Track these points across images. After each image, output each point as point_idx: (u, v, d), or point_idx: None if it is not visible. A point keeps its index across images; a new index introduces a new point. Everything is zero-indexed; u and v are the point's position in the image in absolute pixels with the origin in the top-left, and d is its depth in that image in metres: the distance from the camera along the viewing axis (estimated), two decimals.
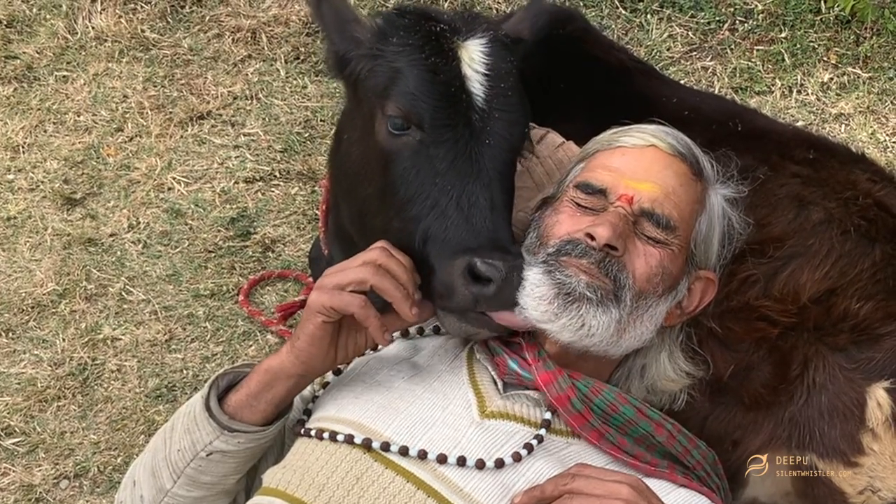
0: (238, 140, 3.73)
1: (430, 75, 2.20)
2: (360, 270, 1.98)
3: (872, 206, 2.48)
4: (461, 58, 2.22)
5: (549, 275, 1.99)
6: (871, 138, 3.65)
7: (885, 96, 3.74)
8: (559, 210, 2.13)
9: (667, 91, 2.97)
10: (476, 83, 2.20)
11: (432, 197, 2.16)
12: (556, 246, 2.04)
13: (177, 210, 3.53)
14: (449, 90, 2.19)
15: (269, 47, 3.96)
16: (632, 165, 2.14)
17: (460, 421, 1.98)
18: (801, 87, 3.78)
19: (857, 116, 3.70)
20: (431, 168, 2.18)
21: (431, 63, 2.21)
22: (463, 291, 2.03)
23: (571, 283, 1.97)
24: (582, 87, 2.86)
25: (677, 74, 3.79)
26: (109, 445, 3.03)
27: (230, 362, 3.18)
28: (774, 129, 2.91)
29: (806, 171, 2.58)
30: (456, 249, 2.08)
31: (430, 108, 2.19)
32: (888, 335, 2.24)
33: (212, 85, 3.87)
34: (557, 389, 1.99)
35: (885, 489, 2.22)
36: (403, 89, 2.21)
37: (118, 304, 3.32)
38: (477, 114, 2.19)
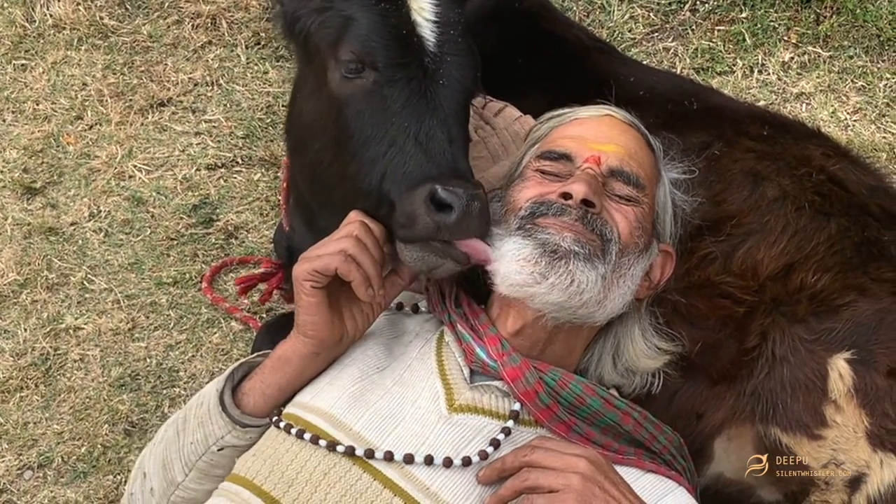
0: (199, 127, 3.71)
1: (381, 19, 2.24)
2: (340, 242, 2.00)
3: (826, 182, 2.49)
4: (410, 6, 2.25)
5: (529, 238, 2.00)
6: (832, 117, 3.66)
7: (845, 75, 3.76)
8: (525, 179, 2.15)
9: (624, 70, 2.98)
10: (426, 28, 2.24)
11: (389, 135, 2.18)
12: (527, 209, 2.06)
13: (138, 198, 3.50)
14: (401, 33, 2.22)
15: (229, 33, 3.93)
16: (593, 131, 2.19)
17: (428, 416, 1.98)
18: (762, 66, 3.79)
19: (818, 95, 3.72)
20: (386, 107, 2.20)
21: (382, 8, 2.24)
22: (425, 219, 2.04)
23: (555, 241, 1.97)
24: (539, 64, 2.87)
25: (639, 56, 3.79)
26: (73, 435, 3.01)
27: (194, 350, 3.17)
28: (729, 107, 2.93)
29: (760, 147, 2.60)
30: (417, 180, 2.09)
31: (384, 48, 2.22)
32: (847, 305, 2.26)
33: (172, 72, 3.84)
34: (525, 384, 1.99)
35: (848, 462, 2.23)
36: (356, 33, 2.24)
37: (80, 293, 3.30)
38: (429, 57, 2.22)
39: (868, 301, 2.26)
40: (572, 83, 2.85)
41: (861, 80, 3.74)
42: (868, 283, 2.30)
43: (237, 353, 3.16)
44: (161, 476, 2.09)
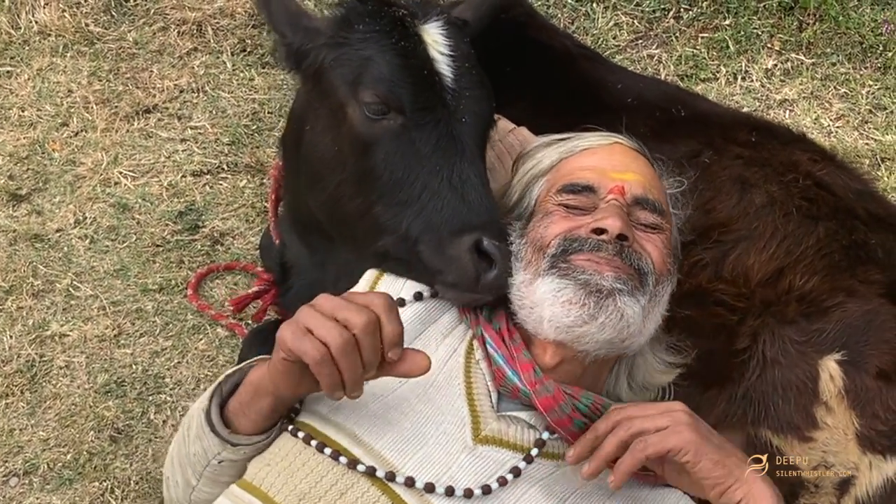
0: (185, 133, 3.70)
1: (402, 59, 2.25)
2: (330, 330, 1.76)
3: (813, 187, 2.52)
4: (426, 41, 2.27)
5: (567, 278, 1.97)
6: (815, 123, 3.69)
7: (828, 82, 3.79)
8: (548, 214, 2.11)
9: (611, 77, 2.99)
10: (443, 64, 2.26)
11: (422, 179, 2.20)
12: (558, 246, 2.03)
13: (124, 204, 3.49)
14: (422, 73, 2.24)
15: (215, 40, 3.93)
16: (608, 160, 2.16)
17: (452, 443, 1.94)
18: (746, 73, 3.82)
19: (801, 102, 3.74)
20: (416, 150, 2.22)
21: (401, 48, 2.25)
22: (470, 271, 2.09)
23: (597, 280, 1.95)
24: (526, 73, 2.87)
25: (623, 63, 3.80)
26: (59, 442, 3.00)
27: (180, 356, 3.17)
28: (716, 113, 2.95)
29: (748, 153, 2.62)
30: (460, 227, 2.13)
31: (409, 92, 2.23)
32: (836, 307, 2.27)
33: (157, 78, 3.83)
34: (559, 413, 1.96)
35: (838, 464, 2.24)
36: (378, 75, 2.24)
37: (65, 300, 3.29)
38: (449, 94, 2.24)
39: (857, 302, 2.28)
40: (559, 91, 2.87)
41: (844, 86, 3.77)
42: (856, 286, 2.32)
43: (223, 359, 3.16)
44: (180, 474, 2.06)
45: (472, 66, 2.31)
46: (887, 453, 2.25)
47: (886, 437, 2.25)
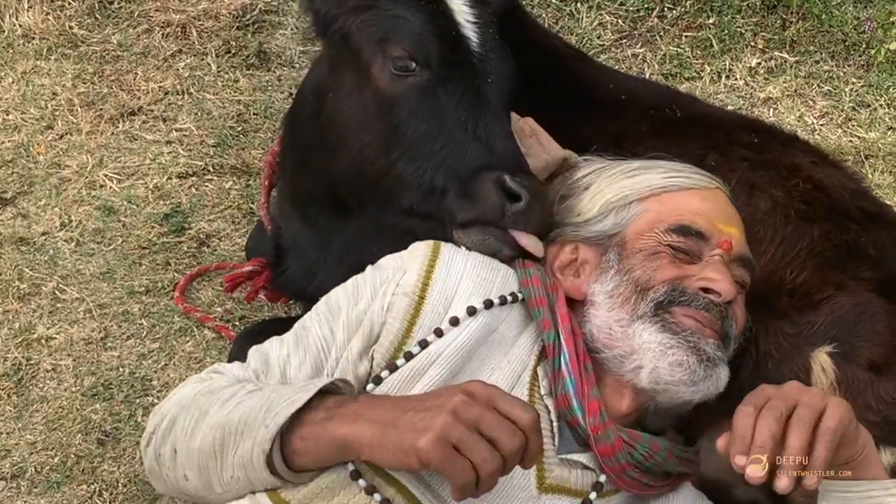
0: (170, 135, 3.69)
1: (430, 18, 2.31)
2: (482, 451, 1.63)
3: (812, 190, 2.52)
4: (452, 7, 2.33)
5: (676, 335, 1.94)
6: (799, 121, 3.71)
7: (811, 80, 3.81)
8: (656, 255, 2.04)
9: (602, 77, 2.99)
10: (469, 29, 2.32)
11: (446, 131, 2.24)
12: (665, 294, 1.98)
13: (109, 207, 3.49)
14: (450, 33, 2.30)
15: (199, 42, 3.93)
16: (715, 208, 2.12)
17: (517, 493, 1.87)
18: (730, 72, 3.83)
19: (785, 100, 3.76)
20: (441, 105, 2.27)
21: (429, 9, 2.32)
22: (494, 200, 2.10)
23: (704, 348, 1.93)
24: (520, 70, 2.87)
25: (608, 62, 3.82)
26: (46, 445, 2.98)
27: (167, 359, 3.16)
28: (714, 114, 2.96)
29: (753, 155, 2.62)
30: (482, 168, 2.16)
31: (437, 47, 2.29)
32: (827, 300, 2.28)
33: (142, 80, 3.83)
34: (615, 462, 1.92)
35: None
36: (407, 31, 2.31)
37: (52, 303, 3.27)
38: (475, 56, 2.30)
39: (847, 296, 2.28)
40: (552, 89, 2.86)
41: (827, 84, 3.79)
42: (846, 281, 2.33)
43: (210, 361, 3.15)
44: (197, 476, 1.90)
45: (496, 33, 2.37)
46: (880, 444, 2.25)
47: (879, 427, 2.25)
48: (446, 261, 2.04)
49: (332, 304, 2.05)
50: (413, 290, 1.99)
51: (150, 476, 2.06)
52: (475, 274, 2.04)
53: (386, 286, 2.00)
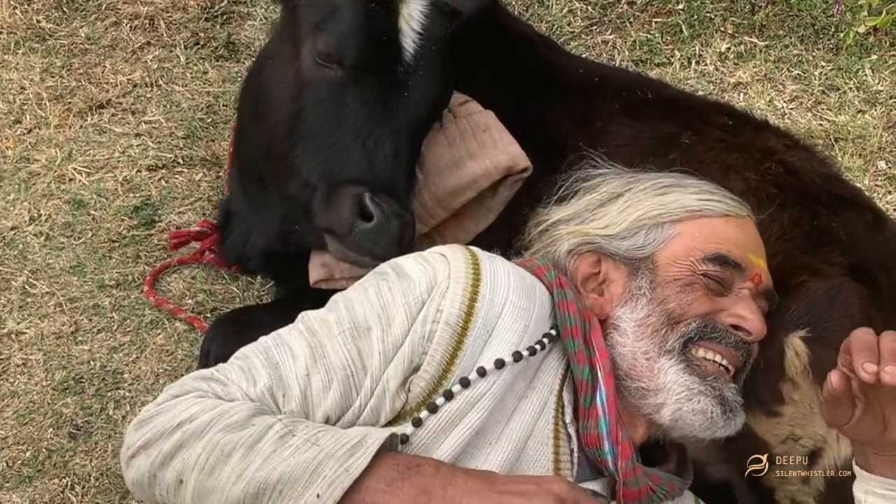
0: (139, 128, 3.67)
1: (364, 19, 2.29)
2: None
3: (784, 174, 2.53)
4: (400, 11, 2.30)
5: (701, 381, 1.92)
6: (769, 106, 3.71)
7: (781, 64, 3.81)
8: (691, 286, 1.99)
9: (572, 63, 3.00)
10: (408, 38, 2.29)
11: (339, 132, 2.24)
12: (695, 330, 1.95)
13: (79, 201, 3.47)
14: (379, 37, 2.28)
15: (167, 34, 3.91)
16: (748, 239, 2.10)
17: None
18: (700, 57, 3.83)
19: (755, 84, 3.77)
20: (344, 105, 2.27)
21: (370, 9, 2.29)
22: (345, 215, 2.12)
23: (727, 395, 1.94)
24: (488, 57, 2.86)
25: (578, 49, 3.82)
26: (17, 440, 2.97)
27: (138, 352, 3.15)
28: (685, 97, 2.97)
29: (728, 137, 2.64)
30: (352, 179, 2.17)
31: (356, 51, 2.28)
32: (800, 285, 2.28)
33: (111, 73, 3.81)
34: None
35: (805, 437, 2.25)
36: (336, 27, 2.30)
37: (22, 297, 3.26)
38: (402, 67, 2.28)
39: (820, 281, 2.29)
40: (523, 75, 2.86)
41: (797, 68, 3.79)
42: (819, 265, 2.34)
43: (182, 353, 3.14)
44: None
45: (440, 51, 2.34)
46: None
47: None
48: (489, 288, 1.88)
49: (357, 318, 1.87)
50: (457, 321, 1.84)
51: (135, 488, 1.86)
52: (517, 303, 1.90)
53: (425, 311, 1.84)
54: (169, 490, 1.77)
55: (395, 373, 1.82)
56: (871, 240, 2.45)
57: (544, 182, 2.58)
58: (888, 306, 2.33)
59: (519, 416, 1.86)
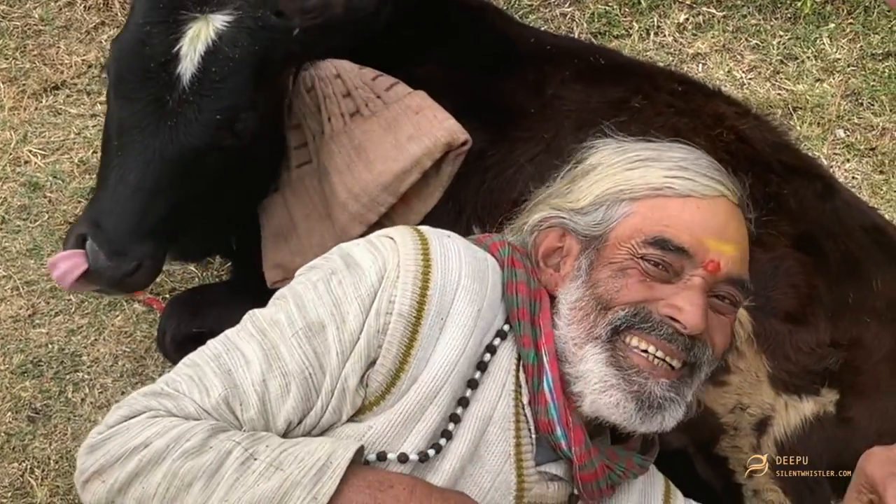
0: (95, 109, 3.64)
1: (137, 45, 2.20)
2: None
3: (735, 141, 2.53)
4: (186, 33, 2.19)
5: (620, 372, 1.78)
6: (728, 76, 3.71)
7: (739, 34, 3.80)
8: (625, 272, 1.84)
9: (525, 32, 2.98)
10: (188, 63, 2.17)
11: (107, 160, 2.24)
12: (625, 317, 1.81)
13: (35, 183, 3.44)
14: (148, 64, 2.18)
15: (122, 13, 3.86)
16: (711, 221, 1.86)
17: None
18: (658, 28, 3.82)
19: (714, 55, 3.76)
20: (112, 132, 2.23)
21: (145, 32, 2.20)
22: (70, 244, 2.18)
23: (651, 388, 1.78)
24: (435, 28, 2.83)
25: (536, 22, 3.80)
26: None
27: (96, 334, 3.14)
28: (636, 63, 2.96)
29: (678, 103, 2.63)
30: (91, 217, 2.19)
31: (120, 75, 2.22)
32: None
33: (65, 54, 3.77)
34: (594, 487, 1.85)
35: (753, 405, 2.26)
36: (115, 46, 2.26)
37: None
38: (173, 94, 2.18)
39: (762, 251, 2.29)
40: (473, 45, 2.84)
41: (755, 38, 3.79)
42: (764, 236, 2.33)
43: (140, 334, 3.13)
44: None
45: (226, 74, 2.20)
46: (802, 393, 2.28)
47: (798, 377, 2.28)
48: (440, 271, 1.82)
49: (310, 317, 1.79)
50: (410, 311, 1.78)
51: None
52: (469, 287, 1.84)
53: (377, 303, 1.78)
54: None
55: (354, 370, 1.76)
56: (820, 208, 2.46)
57: (495, 150, 2.58)
58: (835, 272, 2.34)
59: (476, 403, 1.82)
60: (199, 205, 2.34)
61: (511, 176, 2.57)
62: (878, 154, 3.57)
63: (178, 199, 2.23)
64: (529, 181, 2.49)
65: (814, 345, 2.29)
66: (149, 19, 2.21)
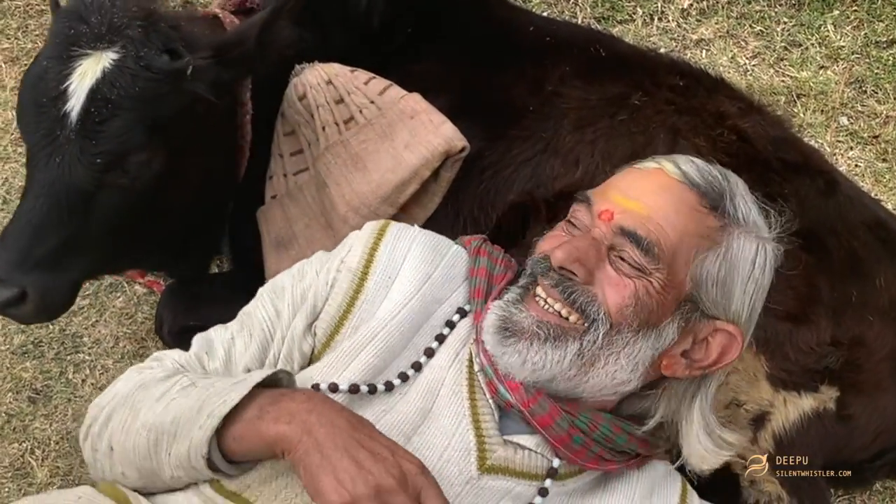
0: None
1: (35, 78, 2.23)
2: None
3: (736, 141, 2.51)
4: (76, 70, 2.19)
5: (506, 304, 1.90)
6: (732, 62, 3.70)
7: (743, 20, 3.79)
8: (555, 227, 1.98)
9: (524, 18, 2.95)
10: (74, 101, 2.17)
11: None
12: (529, 264, 1.94)
13: None
14: (41, 99, 2.19)
15: None
16: (627, 184, 1.94)
17: (456, 475, 1.85)
18: (662, 14, 3.81)
19: (717, 41, 3.75)
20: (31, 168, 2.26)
21: (44, 66, 2.22)
22: None
23: (517, 318, 1.87)
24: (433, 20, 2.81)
25: (540, 7, 3.79)
26: None
27: (97, 315, 3.14)
28: (638, 54, 2.92)
29: (679, 99, 2.60)
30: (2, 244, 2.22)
31: (18, 108, 2.26)
32: None
33: None
34: (558, 430, 1.88)
35: (750, 402, 2.27)
36: (22, 80, 2.29)
37: None
38: (63, 131, 2.18)
39: None
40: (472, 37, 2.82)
41: (759, 24, 3.77)
42: None
43: (141, 316, 3.14)
44: (136, 476, 1.86)
45: (111, 113, 2.19)
46: (801, 390, 2.28)
47: (798, 375, 2.28)
48: (392, 240, 2.04)
49: (276, 285, 2.06)
50: (357, 266, 2.00)
51: (90, 469, 1.97)
52: (420, 255, 2.03)
53: (331, 262, 2.03)
54: (106, 463, 1.90)
55: (301, 318, 1.98)
56: (822, 205, 2.45)
57: (493, 150, 2.57)
58: (838, 270, 2.33)
59: (429, 370, 1.93)
60: (118, 234, 2.35)
61: (508, 176, 2.56)
62: (882, 142, 3.56)
63: (73, 232, 2.24)
64: (527, 182, 2.50)
65: (814, 344, 2.29)
66: (49, 53, 2.23)
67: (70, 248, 2.25)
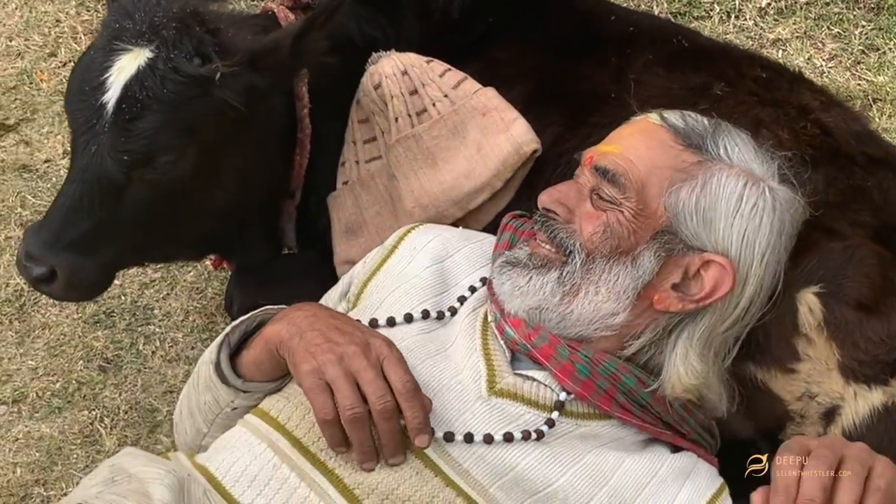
0: None
1: (82, 67, 2.27)
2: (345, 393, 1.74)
3: (820, 135, 2.49)
4: (116, 63, 2.20)
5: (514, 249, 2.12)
6: (808, 63, 3.67)
7: (821, 21, 3.76)
8: None
9: (605, 8, 2.94)
10: (111, 94, 2.19)
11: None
12: (536, 216, 2.10)
13: None
14: (85, 87, 2.22)
15: None
16: (613, 133, 2.14)
17: (468, 393, 1.92)
18: (740, 11, 3.79)
19: (794, 41, 3.72)
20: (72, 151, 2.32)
21: (90, 55, 2.26)
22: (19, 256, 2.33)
23: (517, 254, 2.06)
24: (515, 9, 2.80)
25: (618, 1, 3.77)
26: (48, 371, 3.01)
27: (169, 288, 3.17)
28: (719, 46, 2.91)
29: (762, 91, 2.58)
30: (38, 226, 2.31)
31: (68, 98, 2.30)
32: (815, 243, 2.26)
33: None
34: (560, 359, 1.95)
35: (822, 394, 2.24)
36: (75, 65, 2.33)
37: None
38: (100, 121, 2.21)
39: (835, 240, 2.27)
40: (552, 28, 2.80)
41: (837, 26, 3.74)
42: (843, 227, 2.32)
43: (212, 291, 3.16)
44: (190, 424, 2.07)
45: (143, 111, 2.19)
46: (871, 383, 2.26)
47: (868, 366, 2.25)
48: (425, 229, 2.29)
49: None
50: (388, 244, 2.27)
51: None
52: (451, 235, 2.28)
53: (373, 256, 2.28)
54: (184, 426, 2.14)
55: (335, 291, 2.30)
56: None
57: (572, 135, 2.56)
58: None
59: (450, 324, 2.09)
60: (150, 226, 2.37)
61: None
62: None
63: (103, 219, 2.28)
64: None
65: (884, 335, 2.26)
66: (98, 44, 2.27)
67: (101, 233, 2.29)
